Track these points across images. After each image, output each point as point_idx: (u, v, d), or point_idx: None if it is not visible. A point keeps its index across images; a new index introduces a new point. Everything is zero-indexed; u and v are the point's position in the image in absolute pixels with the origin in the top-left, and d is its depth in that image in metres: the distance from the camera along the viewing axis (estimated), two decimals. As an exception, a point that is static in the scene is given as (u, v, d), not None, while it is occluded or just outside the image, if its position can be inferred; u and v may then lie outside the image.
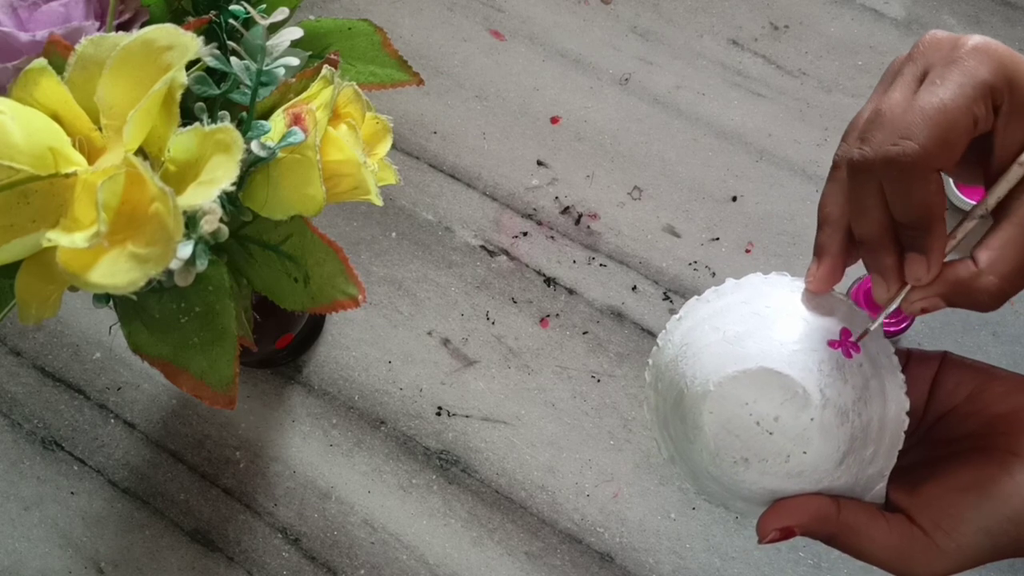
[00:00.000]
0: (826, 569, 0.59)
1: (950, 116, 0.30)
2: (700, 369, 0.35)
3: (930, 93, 0.31)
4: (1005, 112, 0.32)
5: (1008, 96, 0.31)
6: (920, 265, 0.32)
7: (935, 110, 0.30)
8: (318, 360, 0.66)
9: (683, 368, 0.36)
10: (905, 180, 0.31)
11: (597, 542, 0.61)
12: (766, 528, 0.35)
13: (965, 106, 0.30)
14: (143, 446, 0.65)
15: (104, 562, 0.62)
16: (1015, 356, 0.63)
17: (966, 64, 0.31)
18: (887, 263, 0.33)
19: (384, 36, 0.48)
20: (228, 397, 0.41)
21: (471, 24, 0.77)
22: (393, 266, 0.69)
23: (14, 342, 0.68)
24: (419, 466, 0.63)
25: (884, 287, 0.34)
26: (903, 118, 0.31)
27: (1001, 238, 0.32)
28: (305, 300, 0.43)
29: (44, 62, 0.35)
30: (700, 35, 0.76)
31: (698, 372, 0.36)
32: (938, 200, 0.31)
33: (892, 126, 0.31)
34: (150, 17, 0.42)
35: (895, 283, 0.34)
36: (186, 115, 0.36)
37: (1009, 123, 0.32)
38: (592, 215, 0.70)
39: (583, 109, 0.73)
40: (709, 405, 0.35)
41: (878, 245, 0.33)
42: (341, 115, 0.41)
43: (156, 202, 0.32)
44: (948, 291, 0.32)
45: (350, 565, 0.61)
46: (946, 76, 0.31)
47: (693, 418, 0.35)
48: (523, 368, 0.66)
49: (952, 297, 0.32)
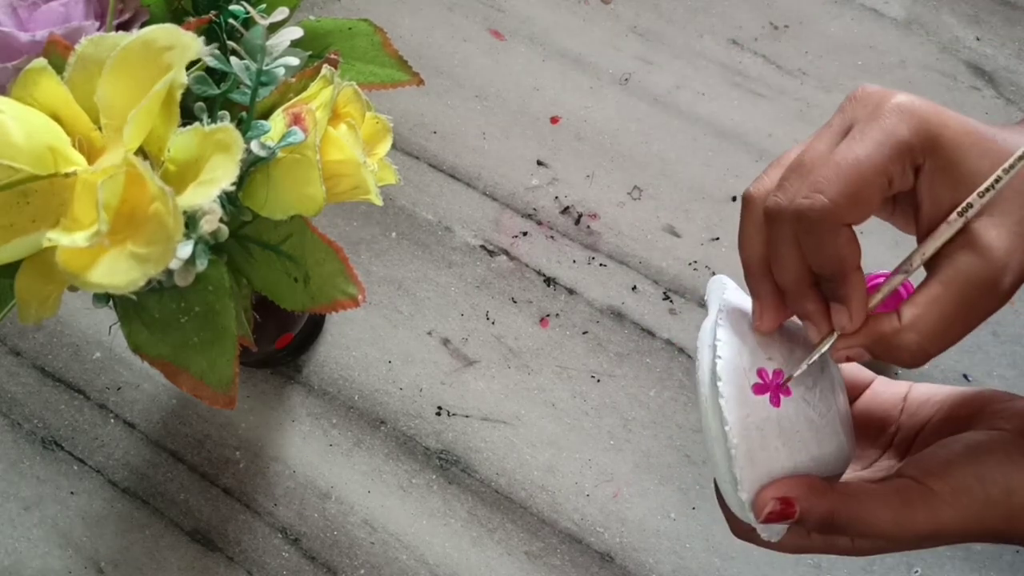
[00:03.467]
0: (826, 569, 0.59)
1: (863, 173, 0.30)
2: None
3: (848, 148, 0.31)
4: (928, 171, 0.31)
5: (930, 156, 0.31)
6: (842, 315, 0.33)
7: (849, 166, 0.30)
8: (318, 360, 0.66)
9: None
10: (815, 233, 0.31)
11: (597, 542, 0.61)
12: (764, 499, 0.34)
13: (880, 164, 0.30)
14: (143, 446, 0.65)
15: (104, 562, 0.62)
16: (1015, 356, 0.63)
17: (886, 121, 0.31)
18: (810, 309, 0.34)
19: (384, 36, 0.48)
20: (228, 397, 0.41)
21: (471, 24, 0.77)
22: (393, 266, 0.69)
23: (14, 342, 0.68)
24: (419, 466, 0.63)
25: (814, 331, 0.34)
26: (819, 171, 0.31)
27: (926, 296, 0.31)
28: (305, 300, 0.43)
29: (44, 62, 0.35)
30: (700, 35, 0.76)
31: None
32: (849, 252, 0.31)
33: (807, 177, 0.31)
34: (150, 17, 0.42)
35: (824, 327, 0.34)
36: (186, 115, 0.36)
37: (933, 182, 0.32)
38: (592, 215, 0.70)
39: (583, 109, 0.73)
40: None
41: (798, 293, 0.34)
42: (341, 115, 0.41)
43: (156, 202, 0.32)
44: (871, 343, 0.32)
45: (350, 565, 0.61)
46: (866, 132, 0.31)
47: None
48: (523, 368, 0.66)
49: (875, 349, 0.32)
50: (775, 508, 0.33)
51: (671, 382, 0.65)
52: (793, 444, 0.34)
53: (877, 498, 0.33)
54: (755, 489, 0.34)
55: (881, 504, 0.33)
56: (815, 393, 0.35)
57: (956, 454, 0.33)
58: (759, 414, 0.34)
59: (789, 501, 0.33)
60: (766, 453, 0.34)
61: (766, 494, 0.34)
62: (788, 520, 0.34)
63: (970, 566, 0.58)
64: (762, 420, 0.34)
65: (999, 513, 0.32)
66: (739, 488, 0.34)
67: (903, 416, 0.38)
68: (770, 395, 0.34)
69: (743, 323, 0.36)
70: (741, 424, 0.34)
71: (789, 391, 0.35)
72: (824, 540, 0.36)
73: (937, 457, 0.34)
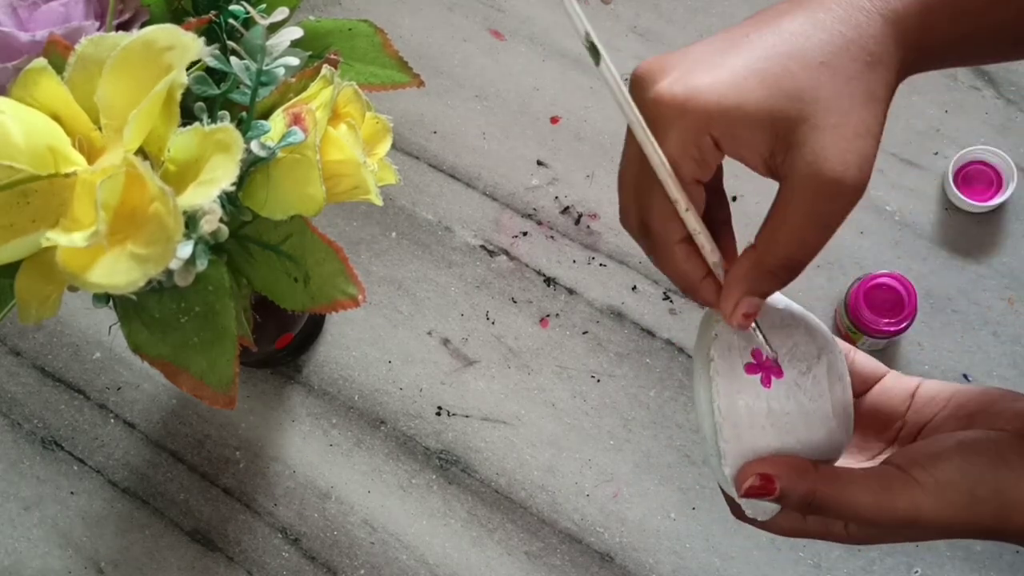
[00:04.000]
0: (826, 569, 0.59)
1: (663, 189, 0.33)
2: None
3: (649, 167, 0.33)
4: (723, 141, 0.33)
5: (720, 134, 0.33)
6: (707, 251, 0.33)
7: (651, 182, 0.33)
8: (318, 360, 0.66)
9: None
10: (655, 253, 0.34)
11: (597, 542, 0.61)
12: (745, 474, 0.34)
13: (676, 173, 0.33)
14: (143, 446, 0.65)
15: (104, 562, 0.62)
16: (1015, 356, 0.63)
17: (659, 126, 0.33)
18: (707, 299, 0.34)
19: (384, 37, 0.48)
20: (228, 397, 0.41)
21: (471, 24, 0.77)
22: (393, 266, 0.69)
23: (14, 342, 0.68)
24: (419, 466, 0.63)
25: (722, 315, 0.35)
26: (632, 199, 0.35)
27: (772, 213, 0.32)
28: (305, 300, 0.43)
29: (44, 62, 0.35)
30: (700, 35, 0.76)
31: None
32: (689, 268, 0.33)
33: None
34: (150, 17, 0.42)
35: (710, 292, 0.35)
36: (186, 115, 0.36)
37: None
38: (592, 215, 0.70)
39: (583, 109, 0.73)
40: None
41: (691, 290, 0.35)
42: (341, 115, 0.41)
43: (156, 202, 0.32)
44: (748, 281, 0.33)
45: (350, 565, 0.61)
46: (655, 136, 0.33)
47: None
48: (523, 368, 0.66)
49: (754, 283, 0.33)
50: (755, 483, 0.34)
51: (671, 382, 0.65)
52: (781, 425, 0.35)
53: (859, 482, 0.34)
54: (739, 464, 0.35)
55: (862, 488, 0.33)
56: (808, 379, 0.36)
57: (945, 448, 0.34)
58: (748, 393, 0.35)
59: (769, 478, 0.34)
60: (752, 431, 0.35)
61: (748, 469, 0.35)
62: (768, 496, 0.34)
63: (970, 566, 0.58)
64: (751, 399, 0.35)
65: (987, 510, 0.32)
66: (723, 462, 0.35)
67: (910, 412, 0.39)
68: (762, 375, 0.35)
69: None
70: (730, 400, 0.35)
71: (781, 373, 0.36)
72: (820, 524, 0.36)
73: (926, 449, 0.34)
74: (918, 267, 0.65)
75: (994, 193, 0.66)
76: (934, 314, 0.64)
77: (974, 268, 0.65)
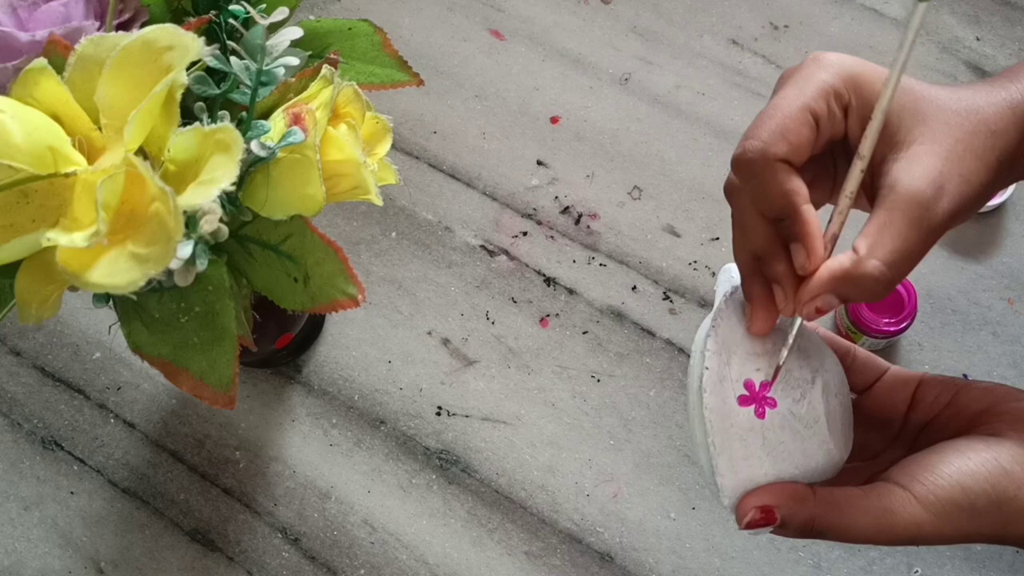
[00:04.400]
0: (826, 569, 0.59)
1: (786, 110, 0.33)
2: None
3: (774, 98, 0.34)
4: (854, 109, 0.34)
5: (854, 94, 0.33)
6: (799, 252, 0.33)
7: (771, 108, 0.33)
8: (318, 360, 0.66)
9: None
10: (756, 175, 0.33)
11: (597, 542, 0.61)
12: (746, 507, 0.35)
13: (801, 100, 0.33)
14: (143, 446, 0.65)
15: (104, 562, 0.62)
16: (1015, 356, 0.63)
17: (807, 70, 0.34)
18: (779, 271, 0.34)
19: (384, 36, 0.48)
20: (228, 397, 0.41)
21: (471, 24, 0.77)
22: (393, 266, 0.69)
23: (14, 342, 0.68)
24: (419, 466, 0.63)
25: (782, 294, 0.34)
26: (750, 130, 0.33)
27: (875, 225, 0.32)
28: (305, 300, 0.43)
29: (44, 62, 0.35)
30: (700, 35, 0.76)
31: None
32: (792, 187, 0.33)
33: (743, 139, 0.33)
34: (150, 17, 0.42)
35: (790, 288, 0.34)
36: (186, 115, 0.36)
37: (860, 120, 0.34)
38: (592, 215, 0.70)
39: (583, 109, 0.73)
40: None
41: (768, 255, 0.34)
42: (341, 115, 0.41)
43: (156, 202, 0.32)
44: (835, 284, 0.33)
45: (350, 565, 0.61)
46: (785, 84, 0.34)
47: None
48: (523, 368, 0.66)
49: (840, 288, 0.33)
50: (756, 516, 0.34)
51: (671, 382, 0.65)
52: (777, 454, 0.35)
53: (858, 506, 0.34)
54: (737, 496, 0.35)
55: (862, 512, 0.33)
56: (803, 405, 0.36)
57: (945, 462, 0.33)
58: (743, 426, 0.35)
59: (770, 509, 0.34)
60: (748, 463, 0.35)
61: (748, 502, 0.35)
62: (770, 527, 0.34)
63: (970, 566, 0.58)
64: (745, 431, 0.35)
65: (989, 522, 0.33)
66: (721, 494, 0.35)
67: (911, 409, 0.39)
68: (755, 407, 0.35)
69: (739, 328, 0.36)
70: (723, 435, 0.35)
71: (775, 403, 0.35)
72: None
73: (925, 464, 0.34)
74: (918, 267, 0.65)
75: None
76: (934, 314, 0.64)
77: (974, 268, 0.65)
